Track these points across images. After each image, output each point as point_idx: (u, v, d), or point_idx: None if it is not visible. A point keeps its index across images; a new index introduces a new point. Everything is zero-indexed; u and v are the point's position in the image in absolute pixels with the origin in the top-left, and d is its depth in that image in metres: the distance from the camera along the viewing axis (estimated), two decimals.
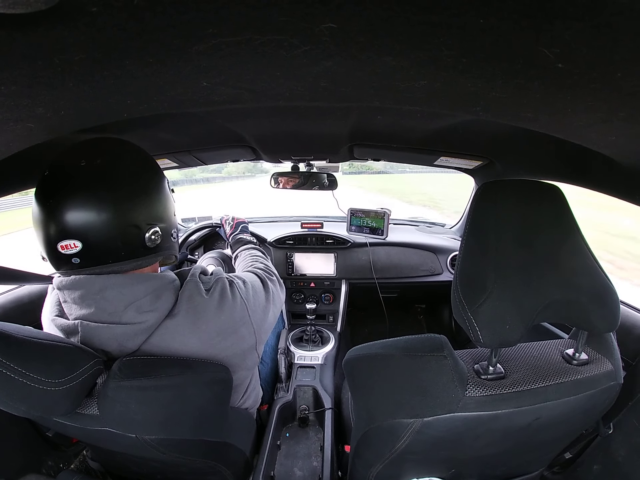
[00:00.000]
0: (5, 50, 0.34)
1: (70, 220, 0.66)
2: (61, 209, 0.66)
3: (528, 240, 0.65)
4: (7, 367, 0.57)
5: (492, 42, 0.36)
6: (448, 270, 2.11)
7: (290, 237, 2.14)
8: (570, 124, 0.58)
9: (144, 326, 0.73)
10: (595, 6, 0.29)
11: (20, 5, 0.25)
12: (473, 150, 1.42)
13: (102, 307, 0.72)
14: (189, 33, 0.36)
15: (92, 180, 0.68)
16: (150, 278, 0.76)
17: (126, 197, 0.71)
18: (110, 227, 0.69)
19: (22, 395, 0.60)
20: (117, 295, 0.72)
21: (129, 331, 0.72)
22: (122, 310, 0.72)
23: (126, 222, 0.71)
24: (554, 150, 1.02)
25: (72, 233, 0.66)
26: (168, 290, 0.77)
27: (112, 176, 0.70)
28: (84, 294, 0.72)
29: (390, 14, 0.32)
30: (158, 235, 0.76)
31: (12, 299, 1.28)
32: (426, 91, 0.54)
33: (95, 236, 0.68)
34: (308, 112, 1.00)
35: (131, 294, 0.72)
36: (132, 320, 0.72)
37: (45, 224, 0.67)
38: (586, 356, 0.75)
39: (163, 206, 0.80)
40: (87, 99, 0.53)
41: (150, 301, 0.74)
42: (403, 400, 0.72)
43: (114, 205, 0.69)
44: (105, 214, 0.68)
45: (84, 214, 0.66)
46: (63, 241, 0.67)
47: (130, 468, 1.04)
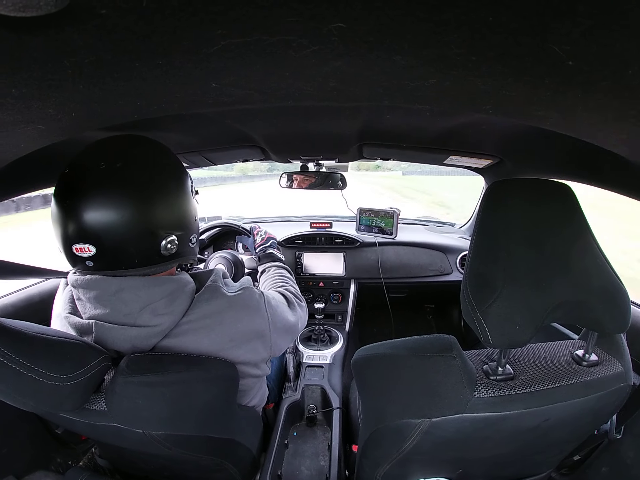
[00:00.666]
0: (16, 53, 0.35)
1: (85, 224, 0.65)
2: (77, 211, 0.65)
3: (538, 240, 0.64)
4: (16, 362, 0.57)
5: (502, 40, 0.36)
6: (458, 270, 2.09)
7: (299, 236, 2.14)
8: (581, 122, 0.58)
9: (158, 329, 0.73)
10: (605, 2, 0.28)
11: (31, 9, 0.25)
12: (483, 149, 1.41)
13: (117, 309, 0.71)
14: (198, 34, 0.36)
15: (110, 185, 0.67)
16: (167, 281, 0.75)
17: (144, 205, 0.69)
18: (125, 234, 0.68)
19: (31, 391, 0.61)
20: (133, 297, 0.71)
21: (143, 334, 0.72)
22: (137, 312, 0.72)
23: (142, 230, 0.70)
24: (564, 148, 1.01)
25: (87, 237, 0.66)
26: (184, 293, 0.77)
27: (131, 182, 0.68)
28: (100, 294, 0.71)
29: (399, 13, 0.32)
30: (174, 244, 0.75)
31: (23, 298, 1.30)
32: (436, 90, 0.53)
33: (109, 242, 0.67)
34: (317, 112, 1.00)
35: (147, 297, 0.72)
36: (147, 323, 0.72)
37: (62, 223, 0.67)
38: (596, 357, 0.74)
39: (183, 212, 0.78)
40: (97, 101, 0.54)
41: (166, 304, 0.73)
42: (411, 401, 0.72)
43: (130, 213, 0.67)
44: (121, 221, 0.67)
45: (98, 219, 0.66)
46: (78, 244, 0.66)
47: (137, 465, 1.05)
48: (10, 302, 1.25)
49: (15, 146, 0.63)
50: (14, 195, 0.97)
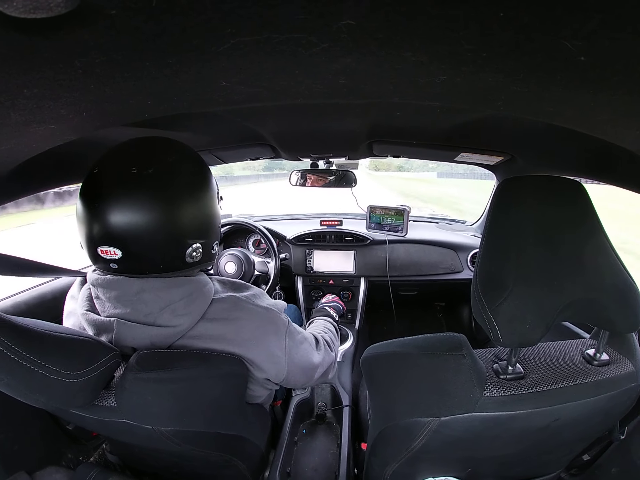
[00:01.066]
0: (27, 54, 0.35)
1: (113, 228, 0.65)
2: (105, 214, 0.65)
3: (549, 238, 0.63)
4: (27, 360, 0.58)
5: (513, 36, 0.35)
6: (468, 268, 2.08)
7: (309, 234, 2.15)
8: (593, 118, 0.57)
9: (178, 330, 0.73)
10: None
11: (41, 10, 0.25)
12: (494, 146, 1.40)
13: (138, 309, 0.72)
14: (208, 33, 0.36)
15: (140, 191, 0.67)
16: (186, 282, 0.75)
17: (173, 212, 0.70)
18: (152, 241, 0.68)
19: (42, 387, 0.61)
20: (153, 298, 0.72)
21: (163, 333, 0.73)
22: (157, 312, 0.72)
23: (169, 237, 0.70)
24: (576, 145, 0.99)
25: (114, 240, 0.66)
26: (202, 294, 0.77)
27: (162, 189, 0.68)
28: (121, 294, 0.72)
29: (409, 9, 0.32)
30: (199, 251, 0.75)
31: (35, 296, 1.31)
32: (446, 86, 0.53)
33: (135, 247, 0.68)
34: (327, 109, 1.00)
35: (167, 297, 0.72)
36: (167, 323, 0.73)
37: (88, 224, 0.67)
38: (607, 357, 0.73)
39: (209, 221, 0.78)
40: (108, 100, 0.54)
41: (185, 304, 0.73)
42: (420, 399, 0.72)
43: (159, 220, 0.68)
44: (149, 227, 0.67)
45: (127, 224, 0.66)
46: (104, 246, 0.67)
47: (147, 461, 1.06)
48: (23, 300, 1.27)
49: (27, 146, 0.64)
50: (28, 194, 0.98)
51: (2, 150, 0.62)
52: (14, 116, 0.49)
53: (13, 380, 0.60)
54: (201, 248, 0.75)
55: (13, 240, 8.24)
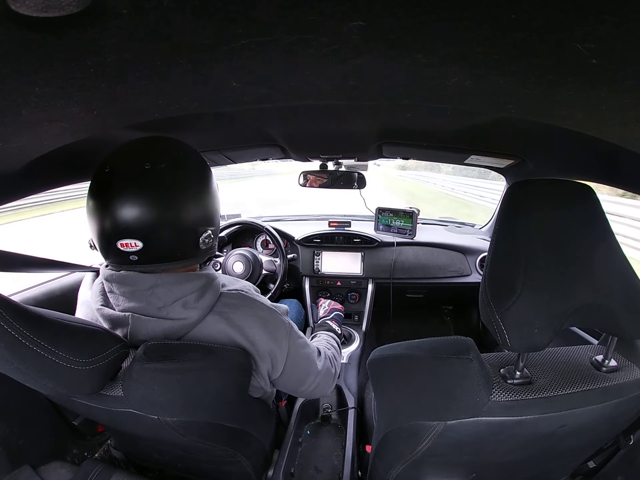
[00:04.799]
0: (39, 53, 0.36)
1: (134, 221, 0.68)
2: (125, 209, 0.68)
3: (559, 242, 0.63)
4: (37, 345, 0.59)
5: (524, 38, 0.35)
6: (477, 271, 2.06)
7: (317, 235, 2.15)
8: (605, 122, 0.56)
9: (188, 322, 0.76)
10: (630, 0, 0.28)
11: (53, 9, 0.26)
12: (504, 149, 1.38)
13: (152, 303, 0.75)
14: (219, 33, 0.36)
15: (157, 185, 0.70)
16: (197, 277, 0.79)
17: (187, 202, 0.74)
18: (171, 230, 0.72)
19: (51, 373, 0.63)
20: (166, 292, 0.75)
21: (175, 325, 0.76)
22: (169, 304, 0.75)
23: (186, 226, 0.74)
24: (587, 149, 0.98)
25: (134, 233, 0.69)
26: (211, 287, 0.80)
27: (175, 181, 0.73)
28: (134, 290, 0.75)
29: (420, 11, 0.32)
30: (210, 237, 0.79)
31: (44, 292, 1.33)
32: (457, 88, 0.53)
33: (155, 238, 0.71)
34: (337, 110, 1.00)
35: (179, 291, 0.75)
36: (178, 316, 0.75)
37: (106, 221, 0.69)
38: (615, 363, 0.72)
39: (215, 208, 0.82)
40: (119, 99, 0.55)
41: (196, 298, 0.77)
42: (426, 403, 0.71)
43: (177, 210, 0.72)
44: (168, 218, 0.71)
45: (146, 216, 0.68)
46: (124, 239, 0.69)
47: (152, 455, 1.07)
48: (32, 296, 1.29)
49: (38, 143, 0.66)
50: (39, 191, 0.99)
51: (14, 147, 0.63)
52: (26, 114, 0.50)
53: (23, 364, 0.61)
54: (212, 234, 0.79)
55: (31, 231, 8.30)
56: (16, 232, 8.03)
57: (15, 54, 0.35)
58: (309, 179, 1.94)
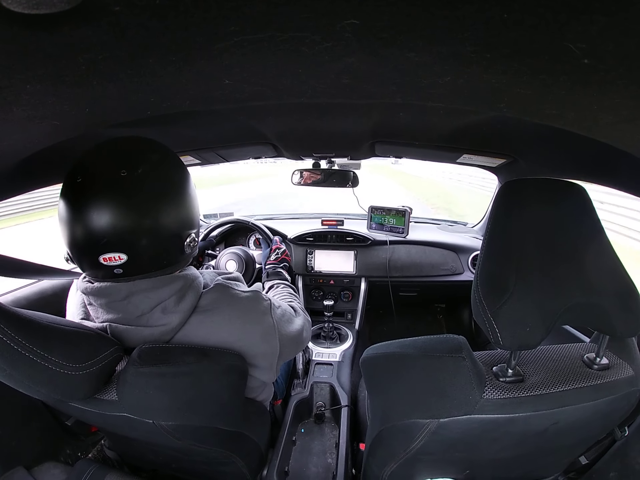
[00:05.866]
0: (30, 50, 0.35)
1: (116, 234, 0.64)
2: (105, 222, 0.63)
3: (551, 241, 0.63)
4: (29, 350, 0.58)
5: (517, 38, 0.35)
6: (469, 269, 2.07)
7: (310, 234, 2.14)
8: (597, 122, 0.57)
9: (169, 327, 0.74)
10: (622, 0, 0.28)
11: (44, 6, 0.25)
12: (497, 148, 1.39)
13: (129, 312, 0.73)
14: (212, 31, 0.36)
15: (136, 193, 0.66)
16: (175, 279, 0.75)
17: (169, 207, 0.71)
18: (156, 238, 0.69)
19: (44, 379, 0.62)
20: (143, 299, 0.72)
21: (156, 332, 0.74)
22: (148, 312, 0.73)
23: (170, 232, 0.72)
24: (578, 148, 0.99)
25: (118, 246, 0.65)
26: (191, 289, 0.78)
27: (155, 186, 0.69)
28: (110, 301, 0.72)
29: (413, 9, 0.32)
30: (194, 241, 0.78)
31: (36, 291, 1.32)
32: (450, 87, 0.53)
33: (140, 248, 0.68)
34: (330, 109, 1.00)
35: (157, 297, 0.73)
36: (158, 322, 0.73)
37: (84, 235, 0.65)
38: (607, 361, 0.73)
39: (196, 210, 0.80)
40: (111, 97, 0.55)
41: (175, 302, 0.74)
42: (419, 401, 0.72)
43: (160, 216, 0.69)
44: (152, 225, 0.68)
45: (130, 227, 0.65)
46: (107, 254, 0.65)
47: (146, 456, 1.06)
48: (24, 295, 1.27)
49: (29, 141, 0.65)
50: (29, 189, 0.98)
51: (4, 145, 0.62)
52: (17, 111, 0.49)
53: (15, 371, 0.60)
54: (195, 237, 0.78)
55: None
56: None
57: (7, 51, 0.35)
58: (302, 177, 1.94)
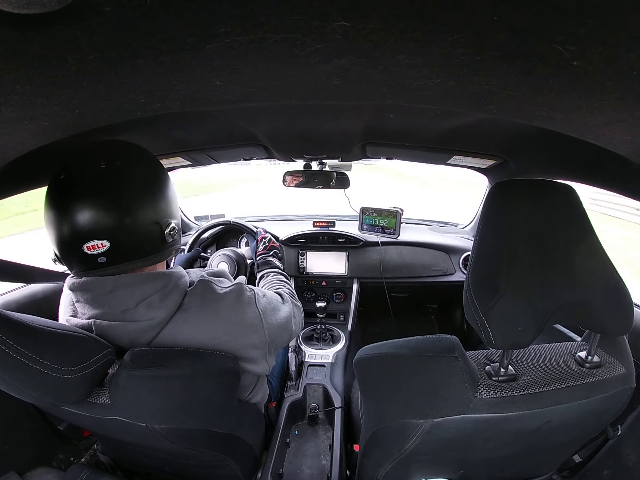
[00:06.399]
0: (20, 50, 0.35)
1: (98, 221, 0.67)
2: (87, 211, 0.67)
3: (541, 241, 0.64)
4: (21, 354, 0.58)
5: (507, 40, 0.35)
6: (461, 270, 2.09)
7: (302, 235, 2.14)
8: (585, 123, 0.58)
9: (154, 322, 0.75)
10: (611, 3, 0.28)
11: (34, 5, 0.25)
12: (487, 150, 1.40)
13: (113, 306, 0.74)
14: (202, 32, 0.36)
15: (115, 182, 0.70)
16: (160, 275, 0.78)
17: (147, 197, 0.75)
18: (136, 225, 0.72)
19: (35, 382, 0.61)
20: (128, 294, 0.74)
21: (140, 327, 0.74)
22: (133, 307, 0.74)
23: (149, 220, 0.74)
24: (568, 149, 1.00)
25: (100, 233, 0.68)
26: (176, 286, 0.79)
27: (133, 177, 0.73)
28: (96, 295, 0.74)
29: (403, 12, 0.32)
30: (175, 230, 0.81)
31: (27, 294, 1.30)
32: (440, 89, 0.53)
33: (122, 234, 0.70)
34: (321, 110, 1.00)
35: (141, 292, 0.74)
36: (143, 317, 0.74)
37: (68, 227, 0.68)
38: (599, 359, 0.74)
39: (175, 203, 0.83)
40: (101, 98, 0.54)
41: (160, 298, 0.76)
42: (413, 401, 0.72)
43: (139, 205, 0.72)
44: (131, 213, 0.71)
45: (111, 214, 0.68)
46: (90, 242, 0.68)
47: (139, 460, 1.06)
48: (14, 299, 1.26)
49: (19, 143, 0.64)
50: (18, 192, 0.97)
51: None
52: (6, 112, 0.49)
53: (6, 374, 0.59)
54: (175, 227, 0.81)
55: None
56: None
57: None
58: (287, 180, 1.94)
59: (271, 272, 1.37)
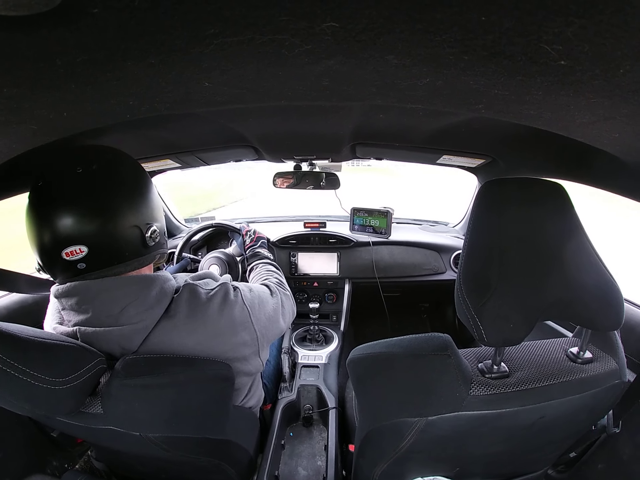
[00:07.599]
0: (7, 52, 0.35)
1: (75, 227, 0.66)
2: (63, 216, 0.66)
3: (531, 239, 0.65)
4: (11, 367, 0.57)
5: (494, 40, 0.36)
6: (452, 268, 2.10)
7: (293, 236, 2.13)
8: (573, 121, 0.58)
9: (140, 326, 0.74)
10: (597, 3, 0.29)
11: (21, 7, 0.25)
12: (476, 149, 1.41)
13: (98, 311, 0.72)
14: (191, 33, 0.36)
15: (91, 186, 0.69)
16: (144, 279, 0.77)
17: (125, 200, 0.73)
18: (114, 230, 0.71)
19: (26, 395, 0.60)
20: (112, 298, 0.73)
21: (126, 332, 0.73)
22: (118, 312, 0.73)
23: (128, 223, 0.73)
24: (557, 147, 1.01)
25: (77, 239, 0.67)
26: (162, 290, 0.78)
27: (110, 180, 0.72)
28: (80, 300, 0.72)
29: (392, 12, 0.32)
30: (156, 233, 0.79)
31: (16, 300, 1.28)
32: (428, 89, 0.53)
33: (99, 239, 0.69)
34: (310, 111, 1.00)
35: (126, 296, 0.73)
36: (129, 321, 0.73)
37: (46, 233, 0.67)
38: (590, 355, 0.75)
39: (156, 206, 0.83)
40: (89, 101, 0.54)
41: (145, 301, 0.75)
42: (407, 400, 0.72)
43: (116, 209, 0.71)
44: (108, 218, 0.70)
45: (87, 219, 0.67)
46: (68, 248, 0.67)
47: (134, 467, 1.04)
48: (4, 305, 1.24)
49: (7, 146, 0.63)
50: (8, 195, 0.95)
51: None
52: None
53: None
54: (157, 230, 0.80)
55: None
56: None
57: None
58: (277, 182, 1.93)
59: (259, 263, 1.37)
